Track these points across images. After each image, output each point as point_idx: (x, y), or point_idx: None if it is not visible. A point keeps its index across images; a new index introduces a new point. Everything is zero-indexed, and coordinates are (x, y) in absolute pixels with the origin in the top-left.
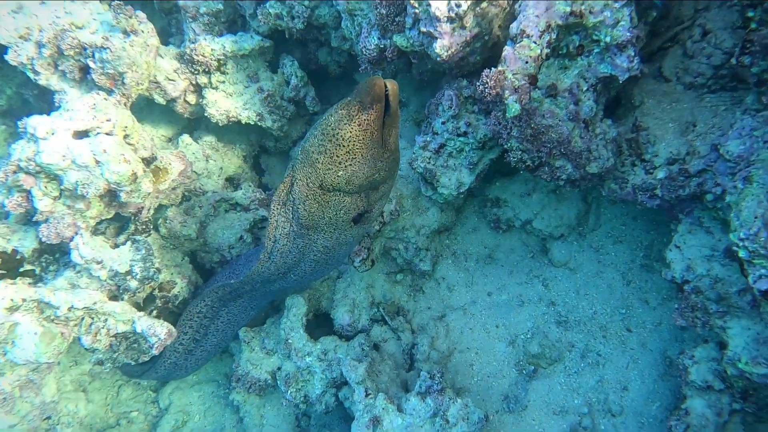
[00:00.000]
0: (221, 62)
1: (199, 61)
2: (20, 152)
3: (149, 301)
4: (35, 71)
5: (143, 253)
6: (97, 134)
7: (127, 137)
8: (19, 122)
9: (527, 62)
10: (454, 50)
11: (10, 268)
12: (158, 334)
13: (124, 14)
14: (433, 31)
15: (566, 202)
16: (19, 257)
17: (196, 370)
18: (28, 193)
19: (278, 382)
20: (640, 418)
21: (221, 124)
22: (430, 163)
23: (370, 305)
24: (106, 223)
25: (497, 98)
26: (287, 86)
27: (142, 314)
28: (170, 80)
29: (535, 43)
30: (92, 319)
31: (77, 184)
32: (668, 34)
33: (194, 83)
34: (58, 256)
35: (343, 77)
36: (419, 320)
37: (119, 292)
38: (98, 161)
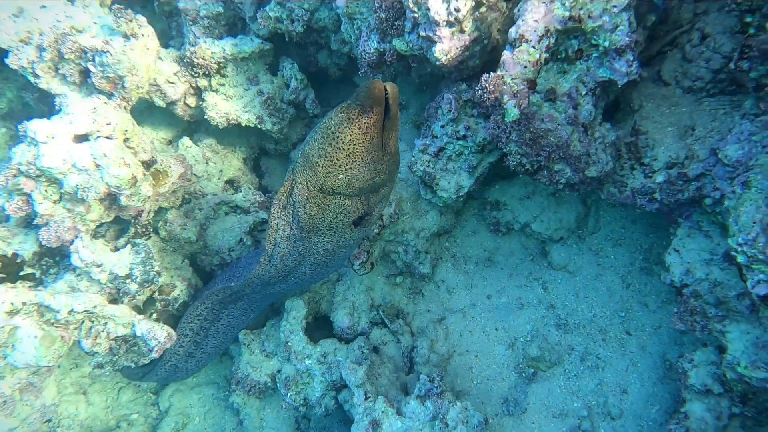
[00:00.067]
0: (221, 65)
1: (199, 63)
2: (20, 156)
3: (149, 304)
4: (36, 75)
5: (143, 256)
6: (97, 138)
7: (127, 140)
8: (19, 126)
9: (526, 67)
10: (453, 54)
11: (10, 271)
12: (158, 337)
13: (124, 18)
14: (432, 35)
15: (566, 205)
16: (19, 261)
17: (196, 372)
18: (28, 196)
19: (278, 384)
20: (639, 421)
21: (221, 126)
22: (429, 166)
23: (369, 308)
24: (106, 226)
25: (496, 103)
26: (287, 89)
27: (141, 317)
28: (170, 83)
29: (533, 47)
30: (92, 322)
31: (77, 187)
32: (667, 38)
33: (194, 86)
34: (58, 259)
35: (342, 80)
36: (419, 323)
37: (119, 295)
38: (98, 165)
